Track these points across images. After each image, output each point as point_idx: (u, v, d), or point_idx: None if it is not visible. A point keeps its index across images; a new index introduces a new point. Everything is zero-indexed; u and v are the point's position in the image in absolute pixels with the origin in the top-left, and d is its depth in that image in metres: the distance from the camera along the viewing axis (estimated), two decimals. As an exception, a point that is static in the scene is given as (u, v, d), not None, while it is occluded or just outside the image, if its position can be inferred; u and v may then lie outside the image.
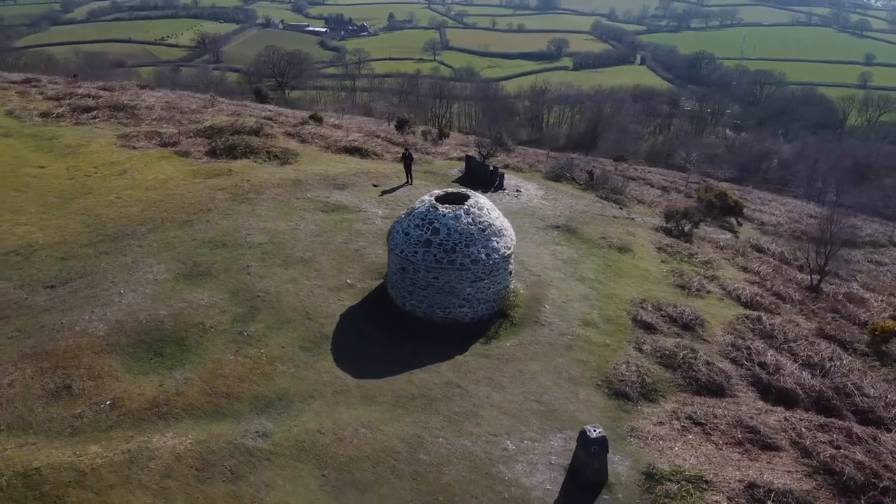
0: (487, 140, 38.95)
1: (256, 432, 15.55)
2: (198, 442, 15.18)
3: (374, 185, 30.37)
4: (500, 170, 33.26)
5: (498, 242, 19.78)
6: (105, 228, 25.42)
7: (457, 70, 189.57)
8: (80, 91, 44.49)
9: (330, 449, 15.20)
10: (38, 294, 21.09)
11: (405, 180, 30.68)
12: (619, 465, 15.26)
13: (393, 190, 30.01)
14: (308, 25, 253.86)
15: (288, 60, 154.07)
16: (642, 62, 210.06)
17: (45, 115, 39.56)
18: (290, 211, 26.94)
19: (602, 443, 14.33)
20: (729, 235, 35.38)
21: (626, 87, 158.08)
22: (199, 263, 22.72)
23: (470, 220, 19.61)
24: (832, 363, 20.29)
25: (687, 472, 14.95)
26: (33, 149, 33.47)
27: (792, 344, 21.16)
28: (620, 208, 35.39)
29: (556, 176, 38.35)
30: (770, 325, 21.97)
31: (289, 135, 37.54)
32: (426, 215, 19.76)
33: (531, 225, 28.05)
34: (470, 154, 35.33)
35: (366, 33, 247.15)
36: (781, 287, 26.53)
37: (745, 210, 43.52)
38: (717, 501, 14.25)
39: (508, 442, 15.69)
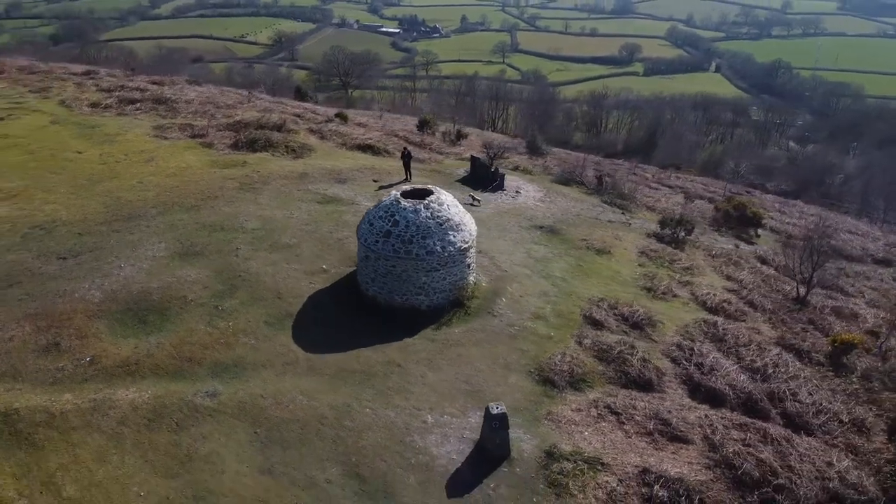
0: (496, 144, 40.23)
1: (206, 392, 17.50)
2: (154, 397, 17.24)
3: (374, 181, 32.20)
4: (501, 171, 34.52)
5: (455, 236, 21.22)
6: (122, 209, 28.06)
7: (524, 73, 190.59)
8: (130, 84, 48.05)
9: (267, 411, 17.01)
10: (50, 264, 23.72)
11: (404, 177, 32.36)
12: (526, 444, 16.52)
13: (390, 185, 31.76)
14: (382, 26, 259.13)
15: (352, 60, 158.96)
16: (717, 70, 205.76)
17: (94, 105, 43.08)
18: (288, 201, 29.02)
19: (502, 419, 15.65)
20: (731, 245, 35.58)
21: (689, 94, 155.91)
22: (195, 244, 24.99)
23: (429, 214, 21.13)
24: (776, 369, 20.87)
25: (586, 454, 16.10)
26: (76, 136, 36.75)
27: (741, 348, 21.80)
28: (623, 213, 36.11)
29: (565, 180, 39.33)
30: (724, 329, 22.64)
31: (311, 131, 39.81)
32: (389, 208, 21.40)
33: (515, 224, 29.29)
34: (475, 155, 36.71)
35: (437, 35, 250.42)
36: (757, 296, 26.96)
37: (764, 221, 43.19)
38: (607, 482, 15.37)
39: (429, 416, 17.16)
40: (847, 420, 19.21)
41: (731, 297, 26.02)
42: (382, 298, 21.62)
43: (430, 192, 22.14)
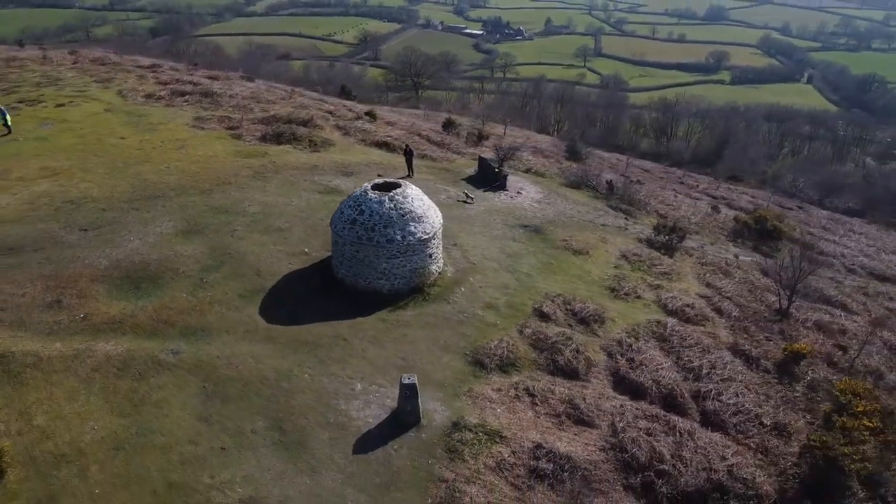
0: (506, 145, 41.63)
1: (171, 350, 20.00)
2: (127, 350, 19.86)
3: (379, 176, 34.26)
4: (505, 172, 36.02)
5: (415, 227, 23.06)
6: (145, 190, 31.23)
7: (604, 77, 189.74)
8: (185, 78, 52.05)
9: (218, 370, 19.35)
10: (72, 234, 26.94)
11: (407, 173, 34.35)
12: (440, 414, 18.24)
13: (391, 180, 33.74)
14: (465, 28, 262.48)
15: (424, 61, 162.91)
16: (809, 81, 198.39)
17: (148, 96, 47.09)
18: (292, 190, 31.52)
19: (412, 388, 17.43)
20: (731, 255, 35.86)
21: (765, 104, 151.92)
22: (199, 224, 27.77)
23: (392, 205, 23.05)
24: (712, 370, 21.73)
25: (489, 427, 17.68)
26: (123, 123, 40.55)
27: (685, 349, 22.70)
28: (626, 218, 36.94)
29: (577, 183, 40.37)
30: (673, 331, 23.56)
31: (337, 127, 42.39)
32: (358, 198, 23.46)
33: (501, 222, 30.79)
34: (483, 156, 38.29)
35: (520, 37, 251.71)
36: (728, 304, 27.53)
37: (795, 236, 42.84)
38: (500, 452, 16.94)
39: (359, 384, 19.11)
40: (769, 423, 19.92)
41: (697, 303, 26.71)
42: (349, 281, 23.67)
43: (397, 186, 24.00)
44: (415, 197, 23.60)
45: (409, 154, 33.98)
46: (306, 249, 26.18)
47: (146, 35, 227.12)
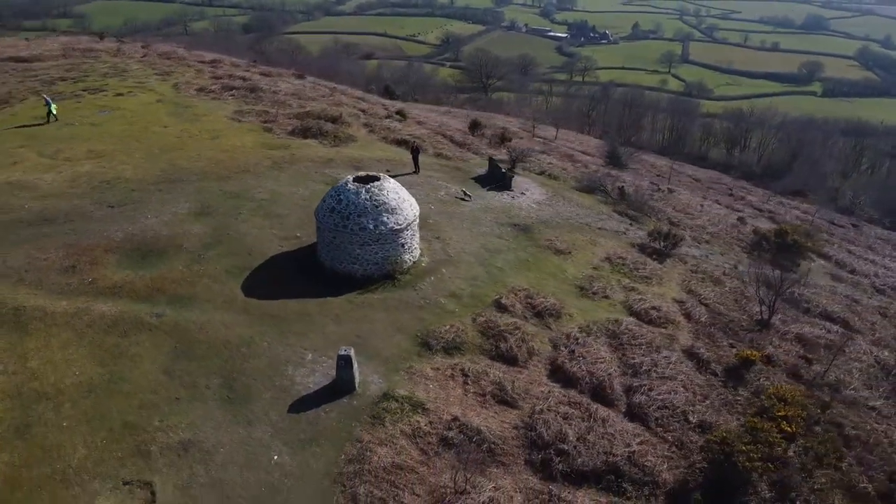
0: (518, 148, 42.94)
1: (156, 314, 22.71)
2: (119, 312, 22.68)
3: (386, 171, 36.38)
4: (509, 172, 37.52)
5: (388, 218, 25.05)
6: (173, 174, 34.45)
7: (688, 84, 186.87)
8: (238, 73, 55.76)
9: (191, 333, 21.90)
10: (101, 210, 30.28)
11: (413, 169, 36.35)
12: (375, 385, 20.19)
13: (396, 176, 35.80)
14: (550, 30, 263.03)
15: (493, 63, 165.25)
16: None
17: (200, 89, 50.89)
18: (302, 180, 34.04)
19: (347, 359, 19.44)
20: (729, 265, 36.12)
21: (842, 118, 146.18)
22: (210, 206, 30.62)
23: (367, 197, 25.12)
24: (654, 368, 22.77)
25: (415, 400, 19.51)
26: (170, 113, 44.26)
27: (632, 347, 23.79)
28: (630, 224, 37.75)
29: (588, 188, 41.36)
30: (627, 329, 24.65)
31: (364, 124, 44.87)
32: (339, 189, 25.66)
33: (492, 220, 32.34)
34: (493, 156, 39.86)
35: (605, 41, 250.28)
36: (700, 310, 28.23)
37: (808, 251, 42.47)
38: (418, 421, 18.75)
39: (310, 355, 21.24)
40: (694, 420, 20.87)
41: (667, 307, 27.54)
42: (328, 264, 25.90)
43: (376, 179, 26.05)
44: (390, 190, 25.55)
45: (415, 151, 35.97)
46: (298, 234, 28.55)
47: (238, 31, 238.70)
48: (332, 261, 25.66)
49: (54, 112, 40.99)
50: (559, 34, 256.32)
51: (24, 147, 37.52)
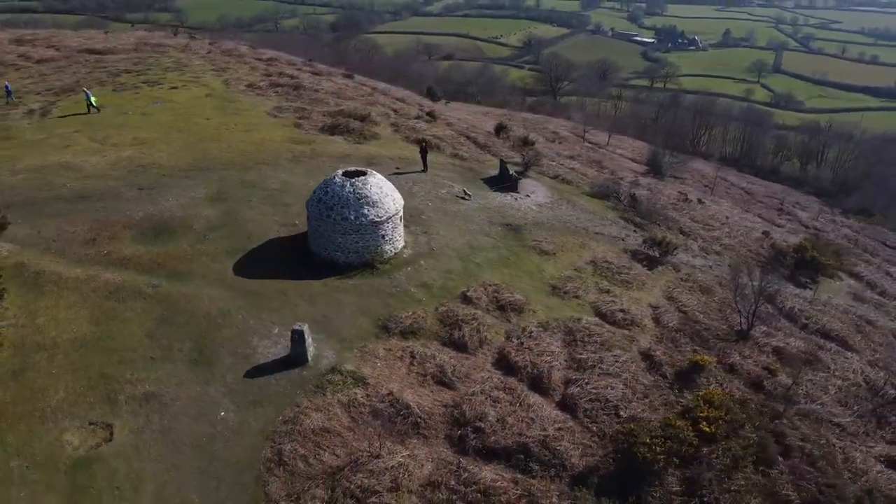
0: (533, 152, 44.19)
1: (152, 284, 25.58)
2: (122, 281, 25.67)
3: (397, 168, 38.58)
4: (517, 175, 39.00)
5: (368, 210, 27.17)
6: (202, 163, 37.65)
7: (776, 95, 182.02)
8: (287, 71, 59.22)
9: (178, 303, 24.63)
10: (131, 191, 33.66)
11: (421, 167, 38.33)
12: (327, 360, 22.34)
13: (405, 173, 37.93)
14: (637, 35, 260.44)
15: (564, 67, 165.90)
16: None
17: (249, 85, 54.51)
18: (315, 173, 36.54)
19: (300, 334, 21.65)
20: (719, 269, 36.33)
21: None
22: (226, 193, 33.54)
23: (351, 190, 27.31)
24: (598, 365, 23.98)
25: (359, 375, 21.54)
26: (214, 107, 47.87)
27: (584, 344, 25.03)
28: (635, 230, 38.52)
29: (601, 193, 42.26)
30: (584, 328, 25.87)
31: (391, 124, 47.21)
32: (327, 182, 27.96)
33: (485, 219, 33.92)
34: (503, 159, 41.36)
35: (693, 48, 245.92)
36: (672, 316, 29.02)
37: (830, 269, 42.06)
38: (355, 393, 20.78)
39: (277, 329, 23.56)
40: (625, 415, 22.02)
41: (638, 311, 28.46)
42: (314, 250, 28.25)
43: (363, 174, 28.20)
44: (373, 185, 27.64)
45: (423, 150, 37.95)
46: (297, 222, 31.02)
47: (325, 30, 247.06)
48: (318, 247, 27.97)
49: (94, 103, 45.01)
50: (646, 39, 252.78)
51: (78, 132, 41.68)
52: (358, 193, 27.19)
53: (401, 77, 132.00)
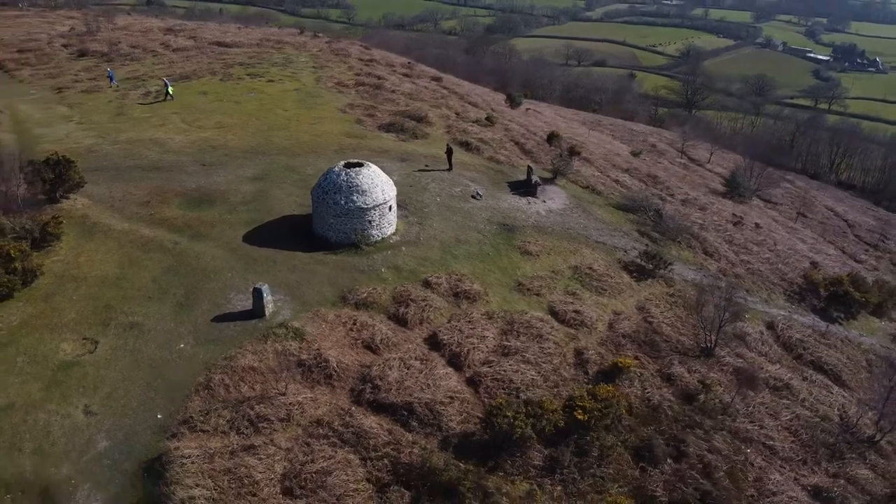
0: (560, 159, 46.15)
1: (174, 241, 31.26)
2: (154, 236, 31.55)
3: (426, 165, 42.34)
4: (539, 181, 41.50)
5: (357, 198, 31.30)
6: (262, 148, 43.50)
7: None
8: (377, 73, 64.67)
9: (189, 259, 30.04)
10: (195, 166, 39.97)
11: (447, 166, 41.82)
12: (280, 316, 26.70)
13: (431, 170, 41.58)
14: (811, 51, 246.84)
15: (704, 80, 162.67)
16: None
17: (338, 83, 60.43)
18: (350, 164, 41.09)
19: (259, 292, 26.16)
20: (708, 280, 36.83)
21: None
22: (267, 174, 38.97)
23: (344, 178, 31.57)
24: (520, 352, 26.56)
25: (300, 331, 25.70)
26: (296, 101, 54.02)
27: (518, 334, 27.61)
28: (646, 245, 39.80)
29: (626, 206, 43.60)
30: (524, 321, 28.43)
31: (446, 126, 51.01)
32: (329, 170, 32.41)
33: (486, 218, 36.79)
34: (531, 165, 43.81)
35: (872, 69, 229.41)
36: (631, 324, 30.67)
37: (865, 304, 41.10)
38: (290, 345, 25.01)
39: (254, 286, 28.22)
40: (523, 398, 24.54)
41: (594, 314, 30.36)
42: (314, 229, 32.81)
43: (360, 165, 32.34)
44: (366, 175, 31.70)
45: (449, 151, 41.42)
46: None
47: (481, 32, 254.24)
48: (316, 226, 32.48)
49: (171, 92, 52.21)
50: (820, 56, 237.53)
51: (176, 113, 49.15)
52: (350, 182, 31.33)
53: (533, 83, 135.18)
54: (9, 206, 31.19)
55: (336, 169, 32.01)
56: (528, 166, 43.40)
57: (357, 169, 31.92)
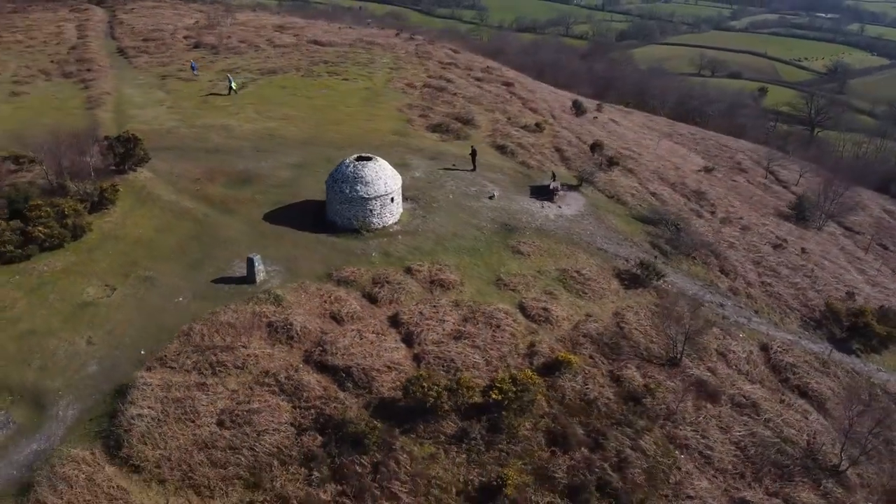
0: (589, 167, 47.50)
1: (206, 214, 36.38)
2: (191, 208, 36.81)
3: (453, 165, 45.39)
4: (558, 187, 43.54)
5: (361, 188, 35.06)
6: (314, 139, 48.31)
7: None
8: (447, 76, 68.28)
9: (212, 229, 34.95)
10: (249, 152, 45.26)
11: (472, 167, 44.69)
12: (268, 284, 30.89)
13: (455, 169, 44.57)
14: None
15: (827, 103, 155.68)
16: None
17: (408, 84, 64.60)
18: (384, 158, 44.92)
19: (251, 261, 30.53)
20: (728, 310, 37.43)
21: None
22: (308, 162, 43.54)
23: (352, 170, 35.44)
24: (471, 338, 29.28)
25: (280, 297, 29.73)
26: (362, 99, 58.68)
27: (475, 322, 30.23)
28: (655, 256, 40.89)
29: (650, 219, 44.65)
30: (489, 311, 30.98)
31: (493, 129, 53.82)
32: (341, 163, 36.39)
33: (490, 217, 39.27)
34: (554, 171, 45.72)
35: None
36: (593, 326, 32.33)
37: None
38: (267, 308, 29.12)
39: (257, 256, 32.45)
40: (457, 376, 27.34)
41: (563, 314, 32.27)
42: (327, 213, 36.94)
43: (369, 159, 36.06)
44: (371, 168, 35.37)
45: (473, 153, 44.28)
46: (335, 191, 39.80)
47: (615, 36, 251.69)
48: (328, 211, 36.55)
49: (234, 87, 57.84)
50: None
51: (251, 104, 55.11)
52: (356, 173, 35.12)
53: (644, 92, 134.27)
54: (81, 173, 37.35)
55: (347, 161, 35.86)
56: (552, 172, 45.40)
57: (364, 162, 35.62)
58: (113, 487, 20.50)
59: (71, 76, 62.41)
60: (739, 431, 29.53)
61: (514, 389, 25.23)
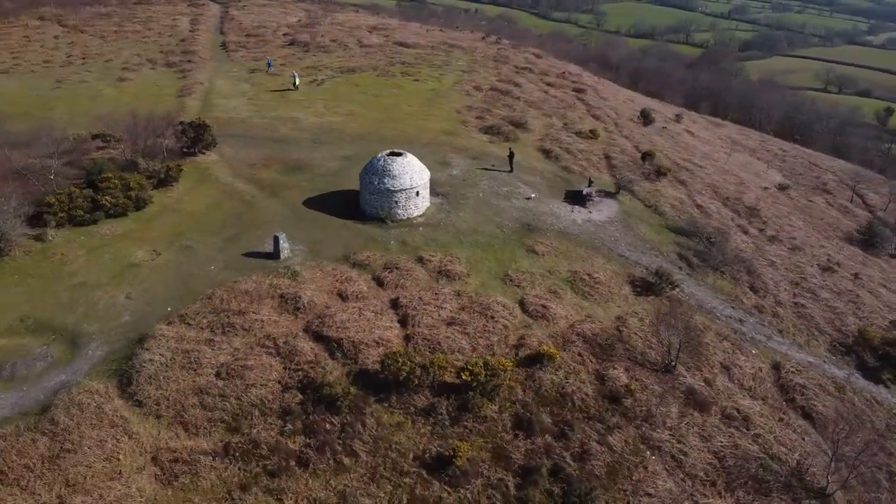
0: (630, 175, 48.01)
1: (253, 196, 40.48)
2: (242, 190, 41.07)
3: (492, 165, 47.42)
4: (592, 192, 44.75)
5: (388, 182, 37.97)
6: (369, 135, 51.75)
7: None
8: (517, 80, 70.17)
9: (254, 209, 38.91)
10: (308, 143, 49.30)
11: (509, 168, 46.58)
12: (291, 260, 34.32)
13: (493, 170, 46.59)
14: None
15: None
16: None
17: (475, 86, 67.08)
18: (427, 155, 47.59)
19: (276, 240, 34.10)
20: (748, 326, 37.57)
21: None
22: (357, 155, 46.70)
23: (382, 164, 38.41)
24: (463, 326, 31.54)
25: (297, 273, 33.05)
26: (425, 99, 61.68)
27: (474, 313, 32.46)
28: (680, 268, 41.50)
29: (685, 231, 44.95)
30: (486, 303, 32.92)
31: (545, 134, 55.34)
32: (374, 157, 39.46)
33: (514, 217, 40.88)
34: (591, 178, 46.78)
35: None
36: (590, 326, 33.66)
37: None
38: (281, 282, 32.58)
39: (282, 234, 35.86)
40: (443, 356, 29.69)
41: (563, 314, 33.74)
42: (360, 203, 40.13)
43: (400, 155, 38.92)
44: (398, 163, 38.18)
45: (511, 155, 46.16)
46: (373, 183, 42.95)
47: (738, 46, 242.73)
48: (361, 201, 39.73)
49: (297, 83, 61.79)
50: None
51: (322, 99, 59.41)
52: (385, 167, 38.05)
53: (749, 105, 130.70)
54: (155, 152, 42.40)
55: (379, 155, 38.85)
56: (589, 178, 46.56)
57: (393, 157, 38.47)
58: (116, 416, 24.31)
59: (173, 66, 69.16)
60: (721, 442, 29.97)
61: (485, 373, 27.19)
